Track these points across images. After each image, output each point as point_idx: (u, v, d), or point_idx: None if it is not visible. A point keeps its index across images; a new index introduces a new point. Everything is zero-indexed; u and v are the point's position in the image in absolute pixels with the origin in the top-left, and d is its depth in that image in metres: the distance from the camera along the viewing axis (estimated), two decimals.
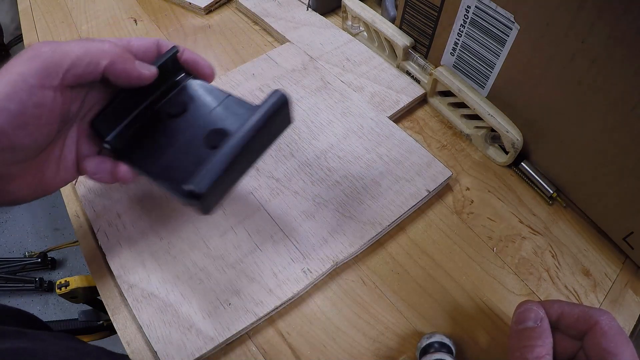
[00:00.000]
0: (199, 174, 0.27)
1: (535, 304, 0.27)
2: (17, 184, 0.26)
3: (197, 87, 0.34)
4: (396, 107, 0.43)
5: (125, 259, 0.34)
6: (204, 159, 0.28)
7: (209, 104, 0.33)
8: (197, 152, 0.30)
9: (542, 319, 0.27)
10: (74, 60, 0.26)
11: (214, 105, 0.33)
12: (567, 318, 0.27)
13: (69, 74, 0.26)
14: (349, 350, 0.31)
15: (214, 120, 0.32)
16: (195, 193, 0.26)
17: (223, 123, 0.32)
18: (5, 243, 1.34)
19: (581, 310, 0.27)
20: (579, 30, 0.29)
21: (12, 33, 1.35)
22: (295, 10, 0.54)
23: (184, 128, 0.32)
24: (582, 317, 0.26)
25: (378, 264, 0.35)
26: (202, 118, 0.32)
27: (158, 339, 0.30)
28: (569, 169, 0.36)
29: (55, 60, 0.25)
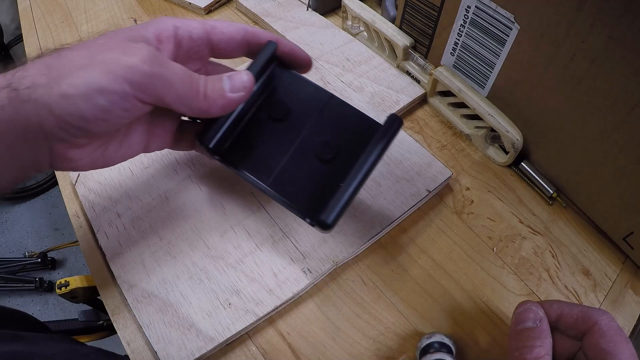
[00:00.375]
0: (329, 205, 0.28)
1: (535, 304, 0.27)
2: (79, 152, 0.26)
3: (296, 84, 0.33)
4: (396, 107, 0.43)
5: (125, 259, 0.34)
6: (319, 176, 0.30)
7: (313, 106, 0.32)
8: (309, 165, 0.31)
9: (541, 319, 0.27)
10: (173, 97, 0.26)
11: (318, 108, 0.32)
12: (567, 318, 0.27)
13: (162, 102, 0.26)
14: (349, 350, 0.31)
15: (321, 127, 0.32)
16: (326, 224, 0.27)
17: (331, 132, 0.31)
18: (5, 243, 1.35)
19: (580, 310, 0.26)
20: (579, 30, 0.29)
21: (12, 33, 1.35)
22: (295, 10, 0.54)
23: (290, 135, 0.32)
24: (582, 317, 0.26)
25: (378, 264, 0.35)
26: (308, 123, 0.32)
27: (158, 339, 0.30)
28: (569, 169, 0.36)
29: (156, 86, 0.25)
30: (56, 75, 0.23)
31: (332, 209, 0.28)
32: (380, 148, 0.29)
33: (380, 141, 0.29)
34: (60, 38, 0.56)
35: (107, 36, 0.26)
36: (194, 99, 0.27)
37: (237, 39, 0.30)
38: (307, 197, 0.30)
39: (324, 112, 0.32)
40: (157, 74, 0.25)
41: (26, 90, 0.23)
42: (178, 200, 0.37)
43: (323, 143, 0.31)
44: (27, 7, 0.62)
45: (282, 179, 0.30)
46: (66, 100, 0.23)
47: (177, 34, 0.28)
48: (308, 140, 0.31)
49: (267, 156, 0.31)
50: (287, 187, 0.30)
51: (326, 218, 0.27)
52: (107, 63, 0.24)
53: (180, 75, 0.26)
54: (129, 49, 0.25)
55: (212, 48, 0.30)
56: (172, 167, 0.39)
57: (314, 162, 0.31)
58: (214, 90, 0.28)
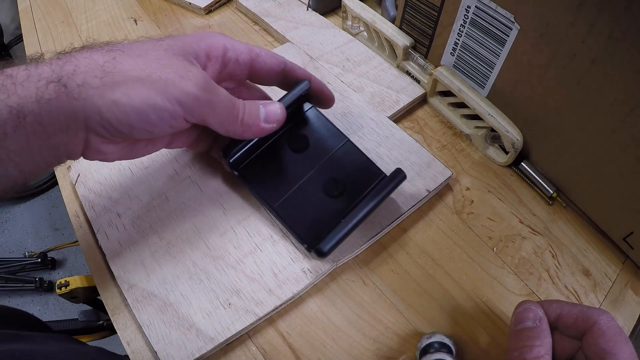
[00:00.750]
0: (328, 236, 0.31)
1: (534, 303, 0.27)
2: (112, 147, 0.28)
3: (318, 121, 0.37)
4: (396, 107, 0.43)
5: (125, 258, 0.34)
6: (323, 208, 0.34)
7: (330, 146, 0.36)
8: (316, 197, 0.34)
9: (540, 319, 0.27)
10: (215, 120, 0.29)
11: (334, 149, 0.36)
12: (566, 318, 0.27)
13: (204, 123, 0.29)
14: (349, 350, 0.31)
15: (333, 166, 0.35)
16: (322, 252, 0.31)
17: (341, 172, 0.35)
18: (5, 243, 1.35)
19: (580, 310, 0.26)
20: (579, 30, 0.29)
21: (12, 33, 1.35)
22: (295, 10, 0.54)
23: (304, 167, 0.35)
24: (581, 317, 0.26)
25: (378, 264, 0.35)
26: (322, 160, 0.36)
27: (158, 339, 0.30)
28: (569, 169, 0.36)
29: (203, 111, 0.28)
30: (110, 81, 0.25)
31: (330, 240, 0.31)
32: (383, 195, 0.32)
33: (384, 189, 0.33)
34: (60, 38, 0.56)
35: (160, 45, 0.28)
36: (232, 124, 0.30)
37: (276, 70, 0.33)
38: (308, 225, 0.33)
39: (339, 153, 0.36)
40: (207, 100, 0.27)
41: (77, 88, 0.24)
42: (178, 200, 0.37)
43: (332, 180, 0.34)
44: (27, 7, 0.62)
45: (288, 204, 0.34)
46: (118, 107, 0.25)
47: (226, 55, 0.31)
48: (319, 174, 0.35)
49: (279, 181, 0.35)
50: (292, 212, 0.33)
51: (323, 247, 0.31)
52: (163, 83, 0.26)
53: (224, 102, 0.29)
54: (184, 71, 0.27)
55: (252, 73, 0.33)
56: (172, 167, 0.39)
57: (321, 195, 0.34)
58: (251, 118, 0.30)
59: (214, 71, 0.31)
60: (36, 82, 0.23)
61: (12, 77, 0.23)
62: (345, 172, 0.35)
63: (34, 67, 0.24)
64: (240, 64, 0.32)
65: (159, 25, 0.57)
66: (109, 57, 0.26)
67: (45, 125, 0.24)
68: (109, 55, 0.26)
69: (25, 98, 0.23)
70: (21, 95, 0.23)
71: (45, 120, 0.24)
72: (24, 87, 0.23)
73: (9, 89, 0.23)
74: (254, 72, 0.33)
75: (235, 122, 0.30)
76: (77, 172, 0.40)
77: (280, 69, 0.33)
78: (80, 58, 0.25)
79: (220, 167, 0.39)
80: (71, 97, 0.24)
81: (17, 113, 0.23)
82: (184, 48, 0.28)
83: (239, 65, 0.32)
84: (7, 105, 0.23)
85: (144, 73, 0.26)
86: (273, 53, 0.33)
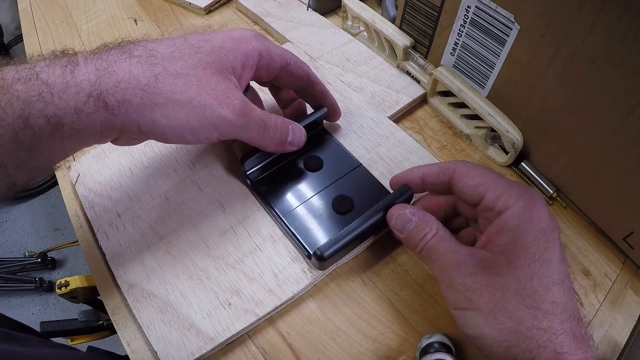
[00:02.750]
0: (328, 240, 0.31)
1: (400, 206, 0.30)
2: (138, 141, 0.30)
3: (333, 147, 0.39)
4: (396, 107, 0.43)
5: (125, 259, 0.34)
6: (330, 222, 0.35)
7: (342, 169, 0.38)
8: (325, 213, 0.35)
9: (413, 212, 0.29)
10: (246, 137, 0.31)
11: (346, 172, 0.38)
12: (429, 177, 0.30)
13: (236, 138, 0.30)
14: (349, 350, 0.31)
15: (344, 185, 0.37)
16: (319, 255, 0.31)
17: (351, 191, 0.36)
18: (5, 243, 1.35)
19: (439, 165, 0.30)
20: (579, 30, 0.29)
21: (12, 33, 1.35)
22: (295, 10, 0.54)
23: (316, 184, 0.37)
24: (441, 170, 0.30)
25: (378, 264, 0.35)
26: (333, 180, 0.37)
27: (158, 339, 0.30)
28: (569, 169, 0.36)
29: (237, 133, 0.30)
30: (150, 101, 0.26)
31: (330, 245, 0.31)
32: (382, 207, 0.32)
33: (390, 203, 0.32)
34: (60, 38, 0.56)
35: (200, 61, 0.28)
36: (262, 141, 0.31)
37: (298, 82, 0.35)
38: (314, 237, 0.34)
39: (350, 175, 0.37)
40: (241, 124, 0.29)
41: (117, 105, 0.25)
42: (178, 200, 0.37)
43: (341, 197, 0.36)
44: (27, 7, 0.62)
45: (296, 216, 0.35)
46: (156, 126, 0.26)
47: (259, 63, 0.32)
48: (329, 192, 0.36)
49: (290, 194, 0.36)
50: (299, 223, 0.35)
51: (324, 252, 0.31)
52: (202, 108, 0.27)
53: (258, 123, 0.30)
54: (223, 96, 0.28)
55: (277, 79, 0.34)
56: (172, 167, 0.39)
57: (329, 211, 0.35)
58: (281, 137, 0.32)
59: (247, 78, 0.32)
60: (75, 95, 0.24)
61: (49, 85, 0.24)
62: (355, 192, 0.36)
63: (70, 73, 0.24)
64: (270, 72, 0.33)
65: (159, 25, 0.57)
66: (151, 75, 0.26)
67: (81, 131, 0.25)
68: (151, 72, 0.26)
69: (64, 109, 0.24)
70: (59, 106, 0.24)
71: (82, 128, 0.25)
72: (61, 98, 0.24)
73: (46, 99, 0.23)
74: (279, 78, 0.34)
75: (265, 140, 0.32)
76: (77, 172, 0.40)
77: (303, 81, 0.35)
78: (120, 71, 0.26)
79: (220, 167, 0.39)
80: (111, 113, 0.25)
81: (55, 123, 0.24)
82: (221, 63, 0.29)
83: (268, 72, 0.33)
84: (45, 115, 0.23)
85: (185, 97, 0.27)
86: (301, 62, 0.34)
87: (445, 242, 0.27)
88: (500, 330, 0.23)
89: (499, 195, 0.26)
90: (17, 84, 0.23)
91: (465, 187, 0.28)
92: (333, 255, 0.31)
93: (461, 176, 0.28)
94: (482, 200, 0.27)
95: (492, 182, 0.27)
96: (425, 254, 0.28)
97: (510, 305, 0.24)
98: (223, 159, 0.40)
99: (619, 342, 0.32)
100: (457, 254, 0.26)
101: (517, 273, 0.24)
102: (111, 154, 0.41)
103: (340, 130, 0.41)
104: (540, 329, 0.23)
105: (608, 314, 0.33)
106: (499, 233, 0.26)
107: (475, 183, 0.27)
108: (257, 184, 0.37)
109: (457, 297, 0.26)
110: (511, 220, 0.25)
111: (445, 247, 0.27)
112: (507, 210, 0.26)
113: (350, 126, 0.41)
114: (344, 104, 0.43)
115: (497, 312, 0.24)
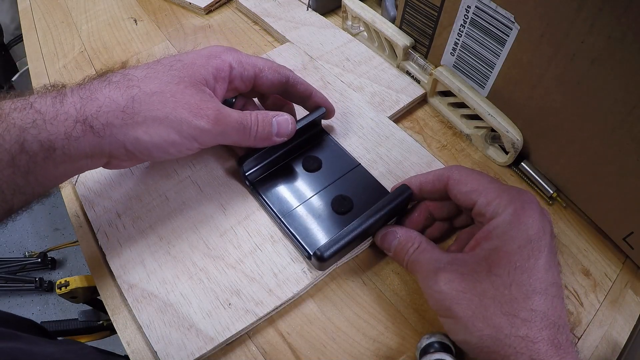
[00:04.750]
0: (328, 241, 0.31)
1: (386, 227, 0.32)
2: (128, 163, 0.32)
3: (332, 147, 0.39)
4: (396, 107, 0.43)
5: (125, 259, 0.34)
6: (329, 222, 0.35)
7: (341, 169, 0.38)
8: (324, 213, 0.35)
9: (396, 232, 0.31)
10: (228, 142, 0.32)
11: (345, 172, 0.38)
12: (426, 185, 0.31)
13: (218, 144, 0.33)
14: (349, 350, 0.31)
15: (343, 185, 0.37)
16: (319, 256, 0.31)
17: (350, 191, 0.36)
18: (5, 243, 1.35)
19: (434, 173, 0.31)
20: (579, 30, 0.29)
21: (12, 33, 1.35)
22: (295, 10, 0.54)
23: (315, 185, 0.37)
24: (436, 178, 0.30)
25: (378, 264, 0.35)
26: (332, 180, 0.37)
27: (158, 339, 0.30)
28: (569, 169, 0.36)
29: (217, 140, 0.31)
30: (131, 122, 0.28)
31: (330, 245, 0.31)
32: (387, 210, 0.32)
33: (390, 204, 0.32)
34: (60, 38, 0.56)
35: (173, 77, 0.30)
36: (245, 141, 0.32)
37: (277, 85, 0.35)
38: (313, 237, 0.34)
39: (349, 175, 0.37)
40: (219, 131, 0.30)
41: (102, 127, 0.27)
42: (178, 200, 0.37)
43: (340, 197, 0.36)
44: (27, 7, 0.62)
45: (296, 216, 0.35)
46: (139, 143, 0.28)
47: (231, 74, 0.33)
48: (328, 192, 0.36)
49: (289, 194, 0.36)
50: (299, 224, 0.35)
51: (324, 252, 0.31)
52: (179, 122, 0.29)
53: (236, 127, 0.31)
54: (197, 108, 0.29)
55: (255, 87, 0.35)
56: (172, 167, 0.39)
57: (328, 211, 0.35)
58: (264, 133, 0.33)
59: (222, 90, 0.33)
60: (64, 121, 0.26)
61: (42, 113, 0.26)
62: (354, 192, 0.36)
63: (59, 102, 0.27)
64: (244, 81, 0.34)
65: (159, 25, 0.57)
66: (128, 97, 0.28)
67: (72, 155, 0.27)
68: (128, 94, 0.28)
69: (55, 135, 0.26)
70: (51, 132, 0.26)
71: (72, 152, 0.27)
72: (52, 124, 0.26)
73: (39, 125, 0.26)
74: (257, 87, 0.35)
75: (248, 139, 0.32)
76: None
77: (282, 83, 0.35)
78: (101, 97, 0.28)
79: (220, 167, 0.39)
80: (97, 135, 0.27)
81: (47, 147, 0.26)
82: (194, 77, 0.30)
83: (243, 81, 0.34)
84: (38, 140, 0.25)
85: (162, 114, 0.28)
86: (278, 67, 0.35)
87: (427, 253, 0.28)
88: (479, 338, 0.24)
89: (490, 202, 0.27)
90: (14, 112, 0.25)
91: (459, 193, 0.29)
92: (333, 256, 0.31)
93: (455, 183, 0.29)
94: (475, 206, 0.28)
95: (484, 188, 0.28)
96: (410, 266, 0.29)
97: (488, 312, 0.24)
98: (223, 159, 0.40)
99: (619, 342, 0.32)
100: (437, 262, 0.27)
101: (497, 280, 0.24)
102: None
103: (340, 130, 0.41)
104: (517, 337, 0.23)
105: (608, 314, 0.33)
106: (486, 239, 0.26)
107: (468, 189, 0.28)
108: (256, 185, 0.37)
109: (437, 305, 0.26)
110: (499, 227, 0.26)
111: (426, 257, 0.28)
112: (497, 217, 0.26)
113: (350, 126, 0.41)
114: (344, 104, 0.43)
115: (476, 319, 0.24)
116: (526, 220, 0.26)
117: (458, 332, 0.25)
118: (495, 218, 0.26)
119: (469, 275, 0.25)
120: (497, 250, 0.25)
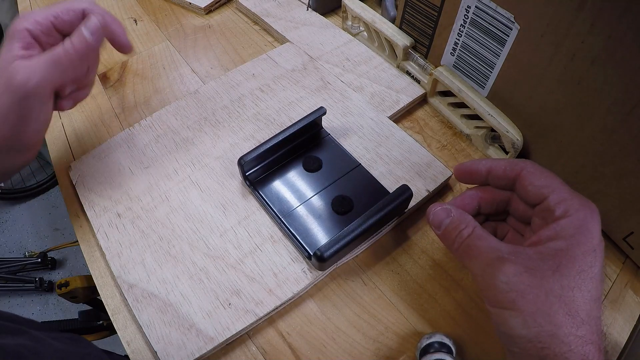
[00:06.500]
0: (328, 241, 0.31)
1: (438, 204, 0.30)
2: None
3: (333, 147, 0.39)
4: (396, 107, 0.43)
5: (125, 259, 0.34)
6: (329, 222, 0.35)
7: (341, 169, 0.38)
8: (324, 213, 0.35)
9: (450, 210, 0.29)
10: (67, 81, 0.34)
11: (345, 172, 0.38)
12: (496, 170, 0.30)
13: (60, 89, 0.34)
14: (349, 350, 0.31)
15: (343, 186, 0.37)
16: (319, 256, 0.31)
17: (350, 191, 0.36)
18: (5, 243, 1.35)
19: (507, 161, 0.30)
20: (579, 30, 0.29)
21: None
22: (295, 10, 0.54)
23: (315, 185, 0.37)
24: (509, 166, 0.29)
25: (378, 264, 0.35)
26: (332, 180, 0.37)
27: (158, 339, 0.30)
28: (569, 169, 0.36)
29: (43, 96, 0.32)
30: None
31: (331, 245, 0.31)
32: (388, 210, 0.32)
33: (390, 204, 0.32)
34: None
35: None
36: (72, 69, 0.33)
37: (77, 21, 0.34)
38: (312, 237, 0.34)
39: (349, 175, 0.37)
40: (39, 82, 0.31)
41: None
42: (178, 200, 0.37)
43: (340, 197, 0.36)
44: (27, 7, 0.62)
45: (296, 216, 0.35)
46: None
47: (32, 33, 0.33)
48: (328, 192, 0.36)
49: (289, 194, 0.36)
50: (299, 224, 0.35)
51: (324, 252, 0.31)
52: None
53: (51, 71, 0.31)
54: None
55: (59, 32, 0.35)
56: (172, 167, 0.39)
57: (329, 211, 0.35)
58: (80, 44, 0.33)
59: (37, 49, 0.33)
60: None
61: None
62: (354, 192, 0.36)
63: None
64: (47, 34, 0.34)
65: (158, 25, 0.57)
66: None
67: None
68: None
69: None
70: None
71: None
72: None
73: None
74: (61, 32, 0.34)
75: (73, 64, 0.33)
76: (77, 172, 0.40)
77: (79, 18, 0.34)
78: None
79: (220, 166, 0.39)
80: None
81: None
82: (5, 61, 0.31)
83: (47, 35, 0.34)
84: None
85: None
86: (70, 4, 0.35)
87: (484, 240, 0.27)
88: (537, 333, 0.24)
89: (562, 201, 0.27)
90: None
91: (530, 185, 0.28)
92: (333, 256, 0.31)
93: (529, 174, 0.28)
94: (544, 201, 0.27)
95: (557, 186, 0.27)
96: (464, 250, 0.28)
97: (552, 309, 0.24)
98: (223, 158, 0.40)
99: (619, 342, 0.32)
100: (498, 251, 0.26)
101: (563, 280, 0.25)
102: (111, 154, 0.41)
103: (340, 130, 0.41)
104: (576, 336, 0.24)
105: (608, 314, 0.33)
106: (553, 238, 0.26)
107: (541, 184, 0.28)
108: (256, 185, 0.37)
109: (499, 295, 0.25)
110: (568, 229, 0.26)
111: (484, 244, 0.27)
112: (566, 218, 0.26)
113: (350, 126, 0.41)
114: (344, 104, 0.43)
115: (538, 315, 0.24)
116: (593, 229, 0.26)
117: (514, 326, 0.25)
118: (565, 218, 0.26)
119: (536, 271, 0.25)
120: (565, 251, 0.25)
